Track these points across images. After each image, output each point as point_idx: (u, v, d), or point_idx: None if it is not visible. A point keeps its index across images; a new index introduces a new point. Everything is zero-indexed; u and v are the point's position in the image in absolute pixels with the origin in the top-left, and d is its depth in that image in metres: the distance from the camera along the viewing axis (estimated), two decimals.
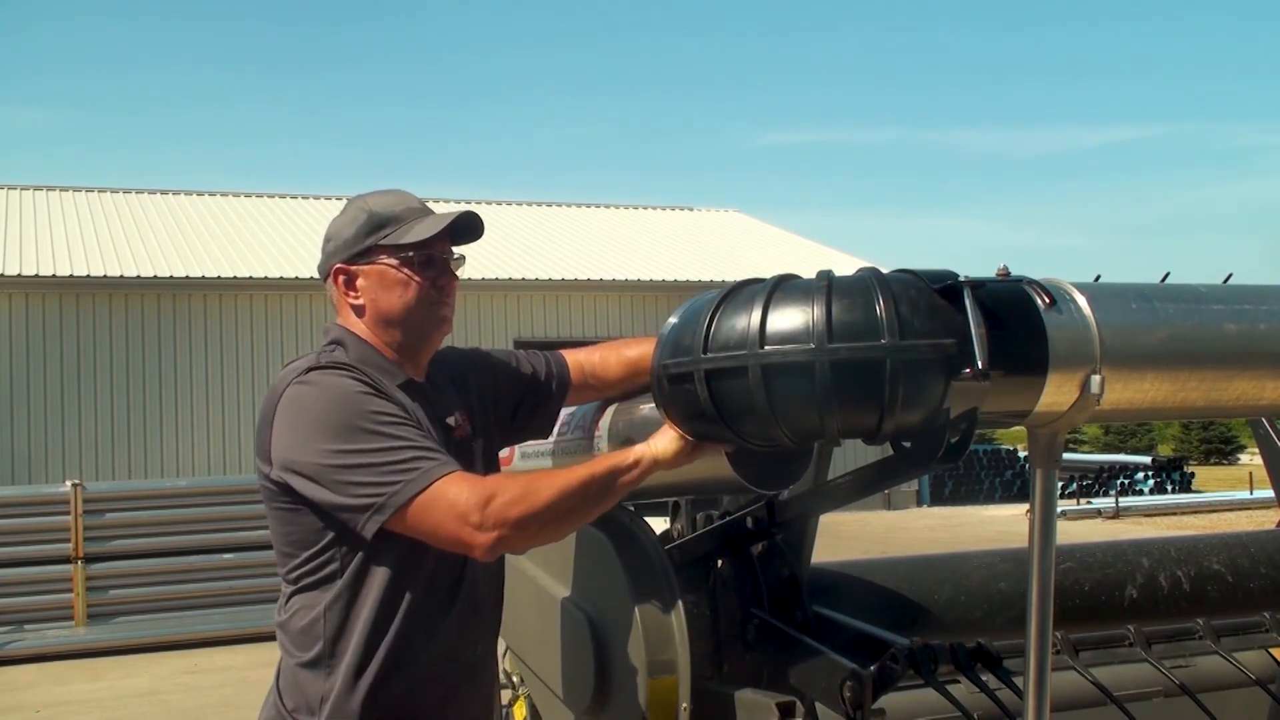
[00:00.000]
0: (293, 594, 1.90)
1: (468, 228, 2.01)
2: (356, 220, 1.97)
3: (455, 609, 1.92)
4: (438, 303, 1.97)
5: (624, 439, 2.03)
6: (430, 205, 2.06)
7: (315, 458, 1.79)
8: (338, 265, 1.98)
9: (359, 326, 1.97)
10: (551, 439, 2.26)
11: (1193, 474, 23.62)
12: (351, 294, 1.97)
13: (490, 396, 2.12)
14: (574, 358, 2.21)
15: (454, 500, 1.71)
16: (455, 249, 2.02)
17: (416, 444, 1.78)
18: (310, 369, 1.87)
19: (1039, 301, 1.51)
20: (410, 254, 1.94)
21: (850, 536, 13.46)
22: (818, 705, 1.74)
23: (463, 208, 2.00)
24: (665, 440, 1.79)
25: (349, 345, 1.95)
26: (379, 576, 1.84)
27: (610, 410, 2.15)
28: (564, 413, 2.24)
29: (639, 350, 2.14)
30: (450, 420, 1.99)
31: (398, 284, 1.95)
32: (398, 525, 1.76)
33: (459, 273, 2.03)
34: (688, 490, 2.18)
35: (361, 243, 1.95)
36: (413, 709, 1.88)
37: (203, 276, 15.28)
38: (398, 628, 1.85)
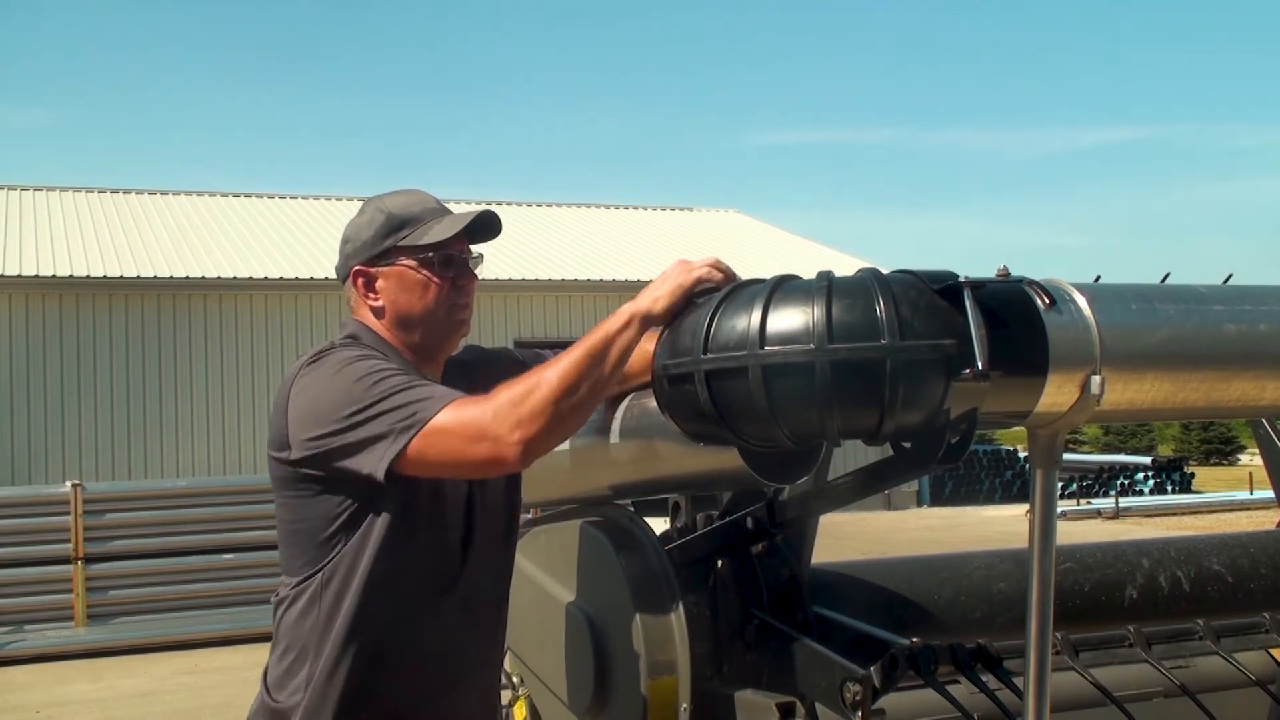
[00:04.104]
0: (292, 585, 1.91)
1: (486, 226, 2.01)
2: (375, 222, 1.97)
3: (448, 608, 1.91)
4: (457, 304, 1.99)
5: (635, 431, 2.03)
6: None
7: (335, 414, 1.78)
8: (357, 267, 1.98)
9: (377, 325, 1.98)
10: None
11: (1193, 474, 23.62)
12: (371, 296, 1.98)
13: None
14: None
15: (466, 420, 1.71)
16: (473, 247, 2.02)
17: (422, 384, 1.79)
18: (318, 352, 1.89)
19: (1039, 302, 1.51)
20: (430, 255, 1.95)
21: (850, 536, 13.46)
22: (818, 706, 1.74)
23: (481, 207, 2.01)
24: (653, 295, 1.77)
25: (365, 339, 1.95)
26: (373, 572, 1.84)
27: (624, 402, 2.15)
28: None
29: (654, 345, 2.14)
30: None
31: (417, 285, 1.95)
32: (417, 460, 1.74)
33: (478, 271, 2.03)
34: (691, 485, 2.18)
35: (380, 244, 1.96)
36: (394, 705, 1.88)
37: (203, 276, 15.29)
38: (384, 623, 1.85)
